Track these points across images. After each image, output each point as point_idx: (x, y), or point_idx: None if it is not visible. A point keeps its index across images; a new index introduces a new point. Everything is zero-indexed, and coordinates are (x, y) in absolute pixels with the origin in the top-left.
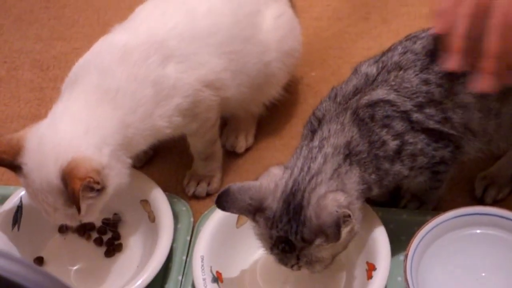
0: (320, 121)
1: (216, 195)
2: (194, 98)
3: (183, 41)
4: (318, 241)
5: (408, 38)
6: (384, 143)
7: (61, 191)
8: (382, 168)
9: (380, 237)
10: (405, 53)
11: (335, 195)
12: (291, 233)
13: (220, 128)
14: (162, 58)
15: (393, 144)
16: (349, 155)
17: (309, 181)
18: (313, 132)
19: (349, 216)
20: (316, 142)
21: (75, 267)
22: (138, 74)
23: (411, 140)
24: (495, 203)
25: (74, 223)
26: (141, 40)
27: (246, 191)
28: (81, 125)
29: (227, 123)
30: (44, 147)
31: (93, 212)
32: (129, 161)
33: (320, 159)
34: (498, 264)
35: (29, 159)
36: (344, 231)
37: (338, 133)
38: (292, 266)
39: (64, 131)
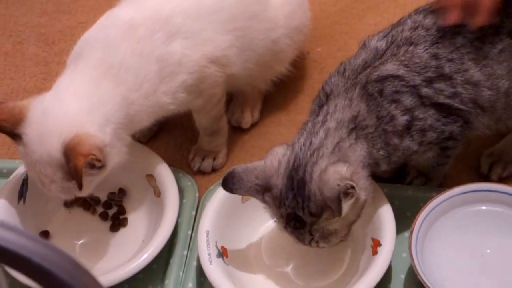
0: (328, 96)
1: (222, 170)
2: (199, 75)
3: (189, 17)
4: (325, 214)
5: (417, 11)
6: (393, 117)
7: (61, 164)
8: (391, 143)
9: (385, 213)
10: (416, 28)
11: (335, 167)
12: (298, 209)
13: (226, 104)
14: (168, 35)
15: (402, 119)
16: (355, 128)
17: (311, 155)
18: (321, 107)
19: (352, 187)
20: (320, 117)
21: (80, 241)
22: (143, 50)
23: (420, 116)
24: (501, 180)
25: (68, 197)
26: (147, 15)
27: (252, 171)
28: (86, 101)
29: (233, 98)
30: (48, 120)
31: (90, 188)
32: (129, 139)
33: (321, 133)
34: (503, 241)
35: (31, 130)
36: (347, 204)
37: (345, 108)
38: (309, 243)
39: (69, 106)
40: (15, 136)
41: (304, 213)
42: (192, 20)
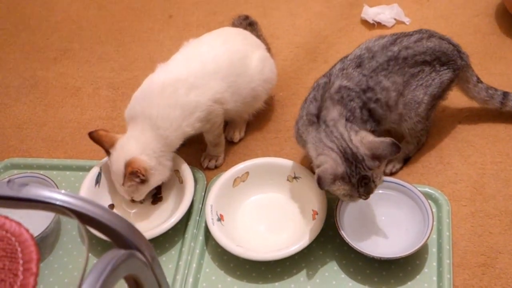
0: (317, 116)
1: (220, 168)
2: (208, 111)
3: (198, 77)
4: (376, 163)
5: (342, 58)
6: (354, 109)
7: (124, 175)
8: (356, 124)
9: (321, 195)
10: (343, 61)
11: (361, 134)
12: (362, 170)
13: (224, 126)
14: (186, 89)
15: (357, 112)
16: (347, 119)
17: (344, 141)
18: (312, 123)
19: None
20: (323, 126)
21: (133, 211)
22: (170, 102)
23: (360, 113)
24: (391, 174)
25: (127, 197)
26: (172, 78)
27: (326, 171)
28: (139, 143)
29: (228, 123)
30: (122, 150)
31: (138, 194)
32: (170, 163)
33: (335, 130)
34: (392, 211)
35: (115, 153)
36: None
37: (330, 113)
38: (373, 190)
39: (131, 146)
40: (108, 152)
41: (366, 170)
42: (200, 78)
